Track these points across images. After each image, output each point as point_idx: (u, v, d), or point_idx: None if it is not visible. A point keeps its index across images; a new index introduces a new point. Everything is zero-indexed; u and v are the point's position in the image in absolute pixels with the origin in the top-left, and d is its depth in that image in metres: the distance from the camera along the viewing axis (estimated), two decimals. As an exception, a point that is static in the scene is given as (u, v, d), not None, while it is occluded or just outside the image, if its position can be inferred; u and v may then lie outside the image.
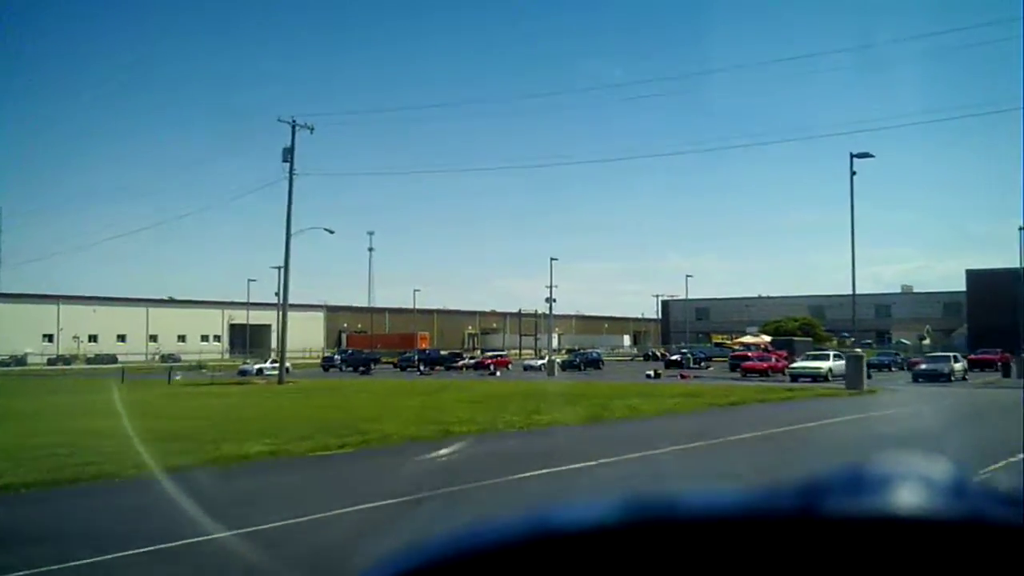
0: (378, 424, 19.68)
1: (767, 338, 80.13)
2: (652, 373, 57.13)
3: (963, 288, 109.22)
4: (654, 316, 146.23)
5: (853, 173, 35.95)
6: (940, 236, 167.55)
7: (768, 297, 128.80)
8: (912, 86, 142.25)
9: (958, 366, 49.41)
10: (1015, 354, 65.77)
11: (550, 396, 30.32)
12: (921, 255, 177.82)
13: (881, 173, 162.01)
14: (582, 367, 71.90)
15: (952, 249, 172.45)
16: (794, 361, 63.77)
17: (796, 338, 78.97)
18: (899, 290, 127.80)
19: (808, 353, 56.62)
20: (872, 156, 35.84)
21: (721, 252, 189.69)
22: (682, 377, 54.66)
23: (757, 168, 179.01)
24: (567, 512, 0.78)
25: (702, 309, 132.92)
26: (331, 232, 58.30)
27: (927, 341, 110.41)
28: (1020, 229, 58.23)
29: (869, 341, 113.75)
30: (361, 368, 72.12)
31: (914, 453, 0.74)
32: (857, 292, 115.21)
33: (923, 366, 49.35)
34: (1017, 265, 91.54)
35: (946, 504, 0.72)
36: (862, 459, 0.78)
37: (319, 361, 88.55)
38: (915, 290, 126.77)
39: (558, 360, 72.78)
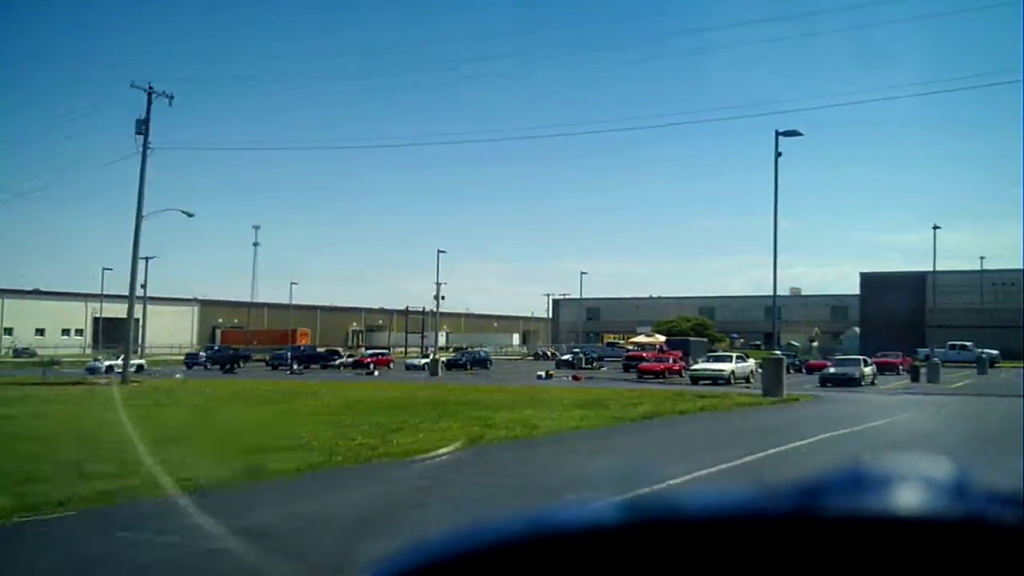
0: (163, 454, 13.11)
1: (662, 338, 76.28)
2: (543, 374, 52.27)
3: (845, 292, 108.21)
4: (544, 315, 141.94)
5: (778, 154, 31.47)
6: (822, 242, 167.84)
7: (659, 297, 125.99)
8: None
9: (868, 370, 45.80)
10: (914, 357, 63.56)
11: (424, 405, 24.80)
12: (800, 260, 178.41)
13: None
14: (469, 367, 66.91)
15: (833, 255, 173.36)
16: (690, 362, 60.90)
17: (693, 339, 75.17)
18: (787, 292, 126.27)
19: (710, 354, 52.55)
20: (801, 134, 31.43)
21: (614, 254, 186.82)
22: (575, 379, 50.13)
23: (653, 169, 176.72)
24: (567, 512, 0.77)
25: (593, 309, 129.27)
26: (190, 215, 51.39)
27: (816, 343, 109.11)
28: (935, 228, 54.18)
29: (758, 343, 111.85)
30: (227, 366, 65.56)
31: (914, 453, 0.79)
32: (746, 294, 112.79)
33: (832, 370, 45.55)
34: (907, 269, 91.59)
35: (947, 504, 0.72)
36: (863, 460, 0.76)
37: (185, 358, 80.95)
38: (803, 292, 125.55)
39: (443, 359, 67.55)
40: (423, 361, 65.88)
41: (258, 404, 25.40)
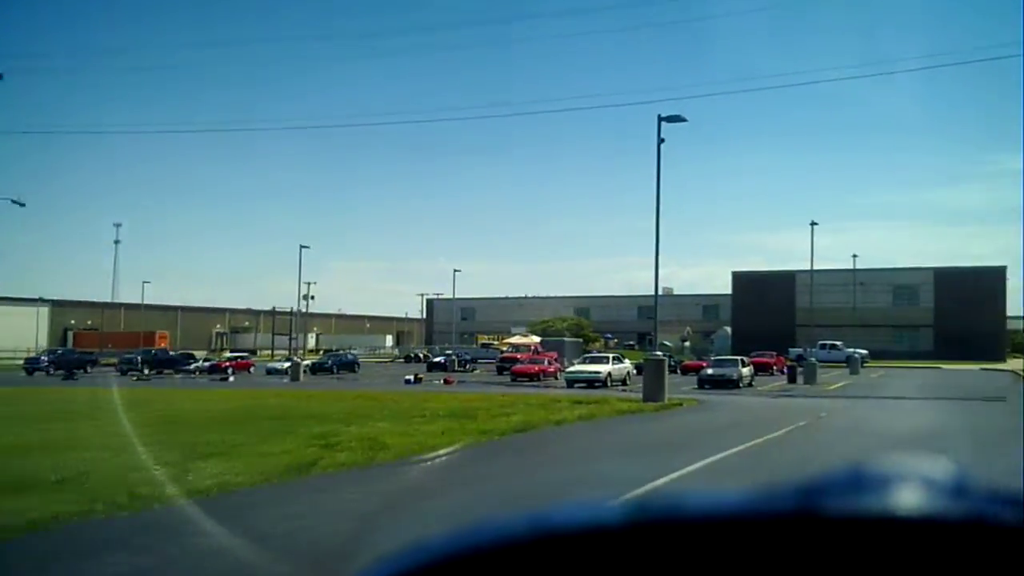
0: None
1: (536, 339, 73.90)
2: (412, 378, 48.99)
3: (716, 291, 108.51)
4: (419, 316, 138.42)
5: (661, 140, 29.12)
6: (691, 242, 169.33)
7: (535, 297, 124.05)
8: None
9: (746, 371, 44.26)
10: (786, 357, 62.96)
11: (265, 418, 21.36)
12: (670, 260, 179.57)
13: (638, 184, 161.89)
14: (335, 370, 63.03)
15: (702, 255, 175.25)
16: (565, 364, 59.05)
17: (568, 339, 73.06)
18: (660, 292, 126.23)
19: (586, 356, 50.28)
20: (684, 120, 29.13)
21: (490, 253, 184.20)
22: (446, 382, 47.15)
23: (526, 168, 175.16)
24: (567, 512, 0.77)
25: (468, 309, 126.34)
26: (21, 204, 46.15)
27: (689, 343, 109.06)
28: (812, 224, 53.23)
29: (632, 343, 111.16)
30: (71, 371, 59.82)
31: (914, 453, 0.80)
32: (621, 294, 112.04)
33: (710, 371, 43.81)
34: (777, 268, 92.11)
35: (947, 504, 0.72)
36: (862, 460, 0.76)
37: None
38: (675, 292, 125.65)
39: (307, 362, 63.54)
40: (286, 364, 61.64)
41: (58, 420, 21.33)
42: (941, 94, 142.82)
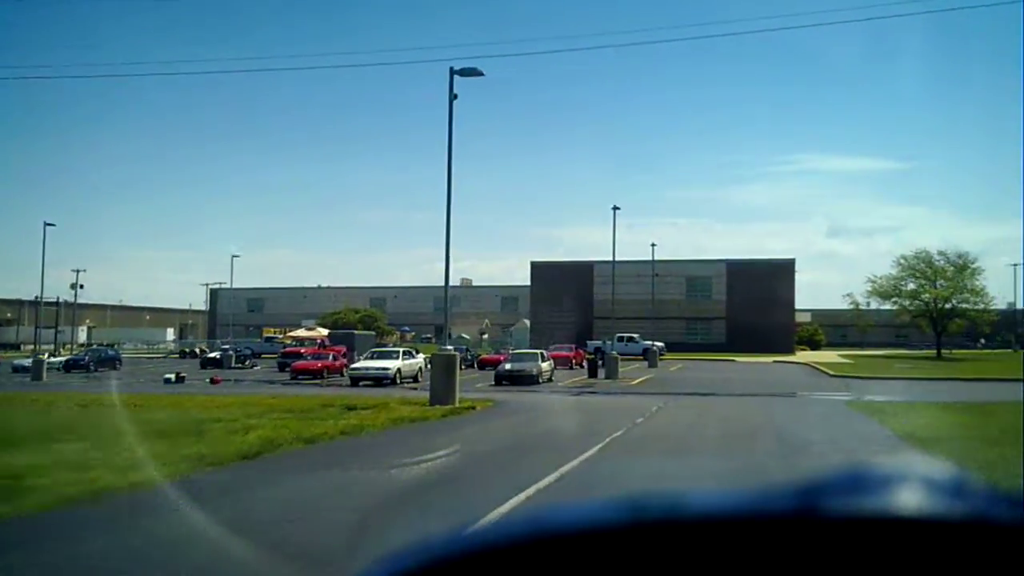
0: None
1: (324, 331, 68.20)
2: (173, 377, 42.48)
3: (516, 282, 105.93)
4: (205, 307, 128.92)
5: (454, 96, 24.59)
6: (493, 236, 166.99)
7: (328, 287, 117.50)
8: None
9: (546, 366, 40.63)
10: (585, 350, 60.32)
11: None
12: (470, 254, 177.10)
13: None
14: (92, 368, 55.25)
15: (504, 248, 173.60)
16: (355, 358, 54.24)
17: (357, 332, 67.68)
18: (458, 283, 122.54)
19: (373, 350, 45.29)
20: (481, 74, 24.66)
21: (284, 242, 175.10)
22: (213, 382, 41.17)
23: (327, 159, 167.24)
24: (567, 512, 0.77)
25: (256, 300, 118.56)
26: None
27: (487, 336, 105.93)
28: (614, 208, 50.32)
29: (429, 336, 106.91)
30: None
31: (914, 453, 0.81)
32: (419, 285, 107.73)
33: (508, 366, 39.89)
34: (578, 259, 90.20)
35: (947, 504, 0.72)
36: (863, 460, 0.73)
37: None
38: (474, 284, 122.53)
39: (59, 359, 55.60)
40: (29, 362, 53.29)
41: None
42: (736, 95, 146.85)
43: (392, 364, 40.14)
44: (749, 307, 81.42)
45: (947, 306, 74.11)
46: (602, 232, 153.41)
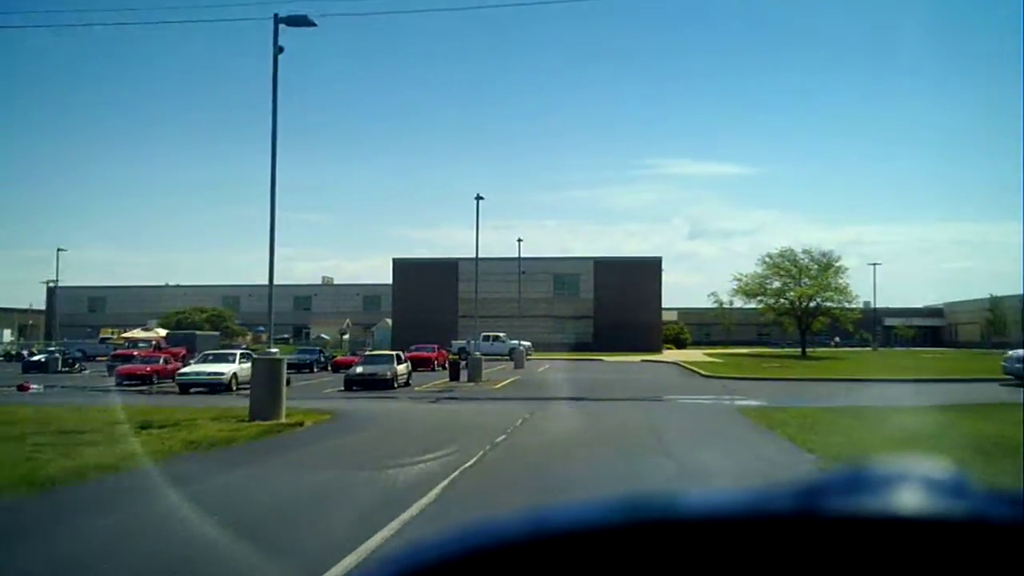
0: None
1: (163, 331, 62.07)
2: (-32, 386, 36.42)
3: (380, 281, 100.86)
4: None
5: (279, 49, 20.19)
6: (356, 236, 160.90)
7: (177, 286, 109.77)
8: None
9: (402, 368, 36.52)
10: (449, 350, 56.50)
11: None
12: (335, 253, 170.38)
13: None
14: None
15: (369, 249, 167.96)
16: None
17: (202, 332, 61.80)
18: (319, 281, 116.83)
19: (208, 353, 40.11)
20: (313, 24, 20.26)
21: (130, 239, 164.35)
22: (22, 389, 35.53)
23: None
24: (567, 512, 0.77)
25: (97, 299, 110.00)
26: None
27: (348, 336, 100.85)
28: (477, 197, 46.58)
29: (287, 336, 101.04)
30: None
31: (914, 453, 0.82)
32: (276, 283, 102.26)
33: (359, 369, 35.61)
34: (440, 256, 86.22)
35: (947, 504, 0.71)
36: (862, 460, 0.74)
37: None
38: (336, 282, 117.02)
39: None
40: None
41: None
42: (598, 96, 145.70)
43: (227, 368, 35.23)
44: (616, 305, 79.22)
45: (811, 304, 73.47)
46: (470, 234, 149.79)
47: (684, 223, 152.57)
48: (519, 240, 64.86)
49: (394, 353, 37.62)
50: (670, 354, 73.32)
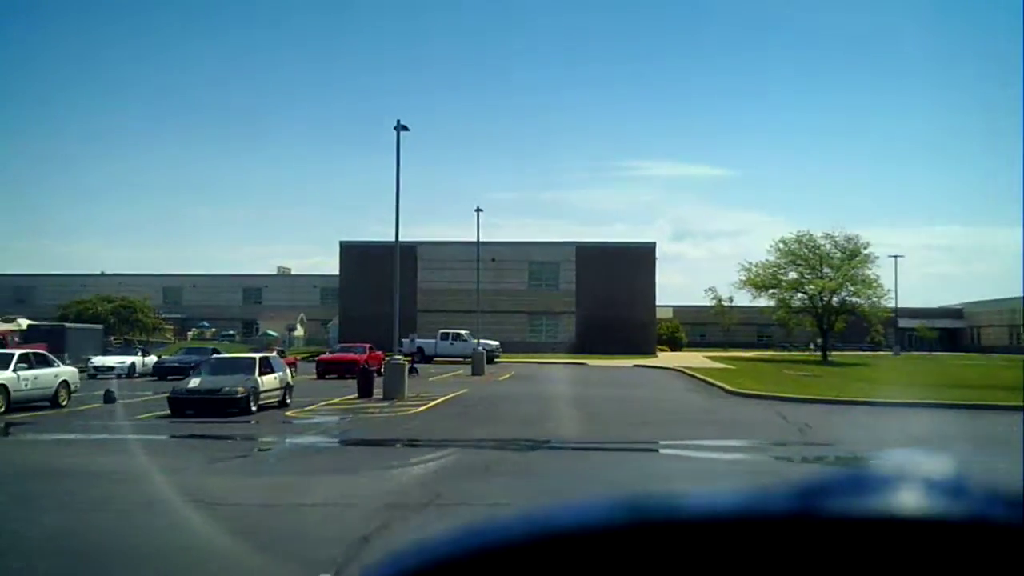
0: None
1: (25, 323, 47.94)
2: None
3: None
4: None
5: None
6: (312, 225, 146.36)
7: (114, 275, 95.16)
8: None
9: (269, 380, 22.50)
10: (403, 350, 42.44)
11: None
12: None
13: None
14: None
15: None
16: (64, 360, 35.91)
17: (73, 325, 47.42)
18: (275, 272, 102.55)
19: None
20: None
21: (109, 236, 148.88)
22: None
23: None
24: (568, 512, 0.76)
25: (25, 288, 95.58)
26: None
27: (300, 332, 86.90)
28: (398, 126, 32.11)
29: (232, 333, 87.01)
30: None
31: (914, 453, 0.78)
32: (227, 273, 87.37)
33: (194, 382, 21.78)
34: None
35: (947, 504, 0.70)
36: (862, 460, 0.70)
37: None
38: (293, 272, 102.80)
39: None
40: None
41: None
42: (587, 97, 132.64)
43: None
44: (603, 299, 65.07)
45: (834, 300, 59.76)
46: (456, 232, 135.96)
47: (668, 224, 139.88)
48: (478, 210, 50.46)
49: (256, 356, 23.40)
50: (666, 357, 59.61)
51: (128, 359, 37.89)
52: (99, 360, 37.32)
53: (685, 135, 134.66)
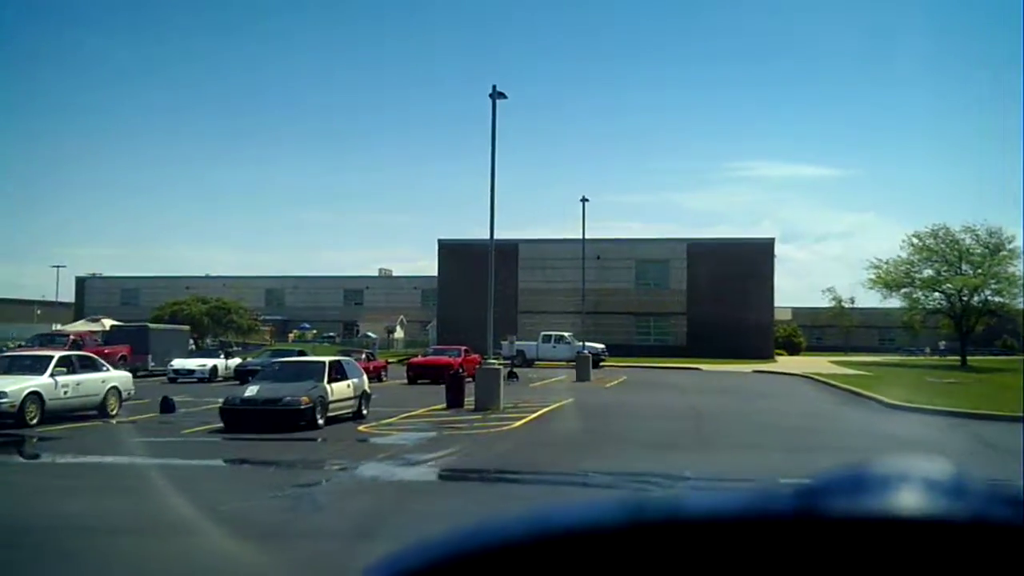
0: None
1: (108, 324, 45.93)
2: None
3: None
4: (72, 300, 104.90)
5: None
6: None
7: (218, 277, 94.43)
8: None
9: (341, 389, 18.79)
10: (500, 354, 38.61)
11: None
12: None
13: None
14: None
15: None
16: (148, 362, 36.96)
17: (157, 326, 45.03)
18: (376, 273, 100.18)
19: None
20: None
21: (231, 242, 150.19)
22: None
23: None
24: (569, 513, 0.75)
25: (131, 290, 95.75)
26: None
27: (400, 335, 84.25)
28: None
29: (333, 335, 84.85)
30: None
31: (915, 454, 0.79)
32: (329, 274, 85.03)
33: (251, 391, 18.21)
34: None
35: (948, 504, 0.69)
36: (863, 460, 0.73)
37: None
38: (395, 274, 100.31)
39: None
40: None
41: None
42: (687, 99, 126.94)
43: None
44: (716, 299, 59.77)
45: (975, 300, 53.24)
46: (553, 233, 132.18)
47: (773, 226, 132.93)
48: (583, 200, 46.13)
49: (326, 360, 19.62)
50: (786, 362, 54.11)
51: (210, 362, 35.02)
52: (179, 363, 34.55)
53: (788, 136, 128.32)
